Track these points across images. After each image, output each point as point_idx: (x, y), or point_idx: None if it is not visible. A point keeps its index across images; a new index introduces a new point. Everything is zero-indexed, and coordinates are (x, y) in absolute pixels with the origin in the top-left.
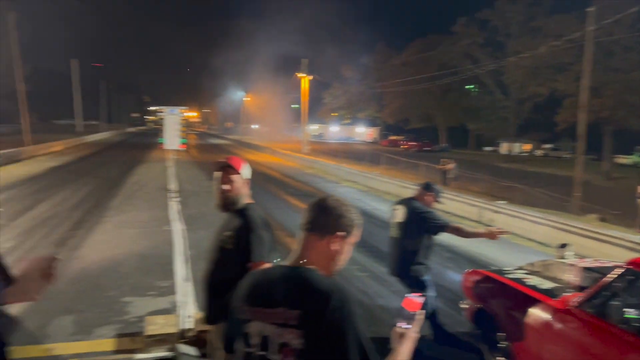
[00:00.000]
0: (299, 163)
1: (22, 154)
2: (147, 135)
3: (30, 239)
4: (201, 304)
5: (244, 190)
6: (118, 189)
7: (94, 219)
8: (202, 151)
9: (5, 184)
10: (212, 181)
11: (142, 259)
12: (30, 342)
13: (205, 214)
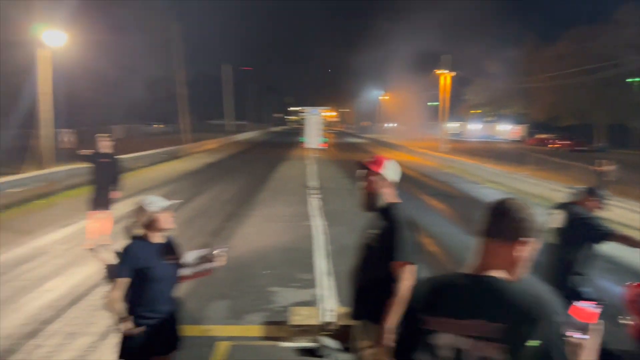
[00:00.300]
0: (436, 162)
1: (181, 151)
2: (288, 134)
3: (189, 228)
4: (346, 298)
5: (385, 189)
6: (264, 185)
7: (243, 212)
8: (340, 150)
9: (169, 178)
10: (351, 179)
11: (286, 251)
12: (190, 322)
13: (344, 211)
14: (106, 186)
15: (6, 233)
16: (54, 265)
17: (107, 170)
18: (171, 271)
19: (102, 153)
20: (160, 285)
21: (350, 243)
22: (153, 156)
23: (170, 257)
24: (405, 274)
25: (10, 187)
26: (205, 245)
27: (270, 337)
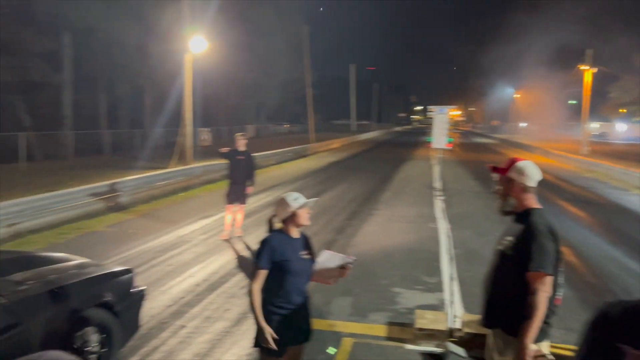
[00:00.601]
0: (575, 165)
1: (308, 150)
2: (412, 134)
3: (315, 224)
4: (472, 305)
5: (523, 193)
6: (387, 185)
7: (366, 210)
8: (466, 150)
9: (296, 176)
10: (478, 181)
11: (410, 252)
12: (316, 316)
13: (470, 214)
14: (241, 181)
15: (155, 222)
16: (194, 253)
17: (243, 166)
18: (306, 266)
19: (239, 151)
20: (296, 279)
21: (476, 248)
22: (280, 155)
23: (306, 252)
24: (541, 286)
25: (158, 180)
26: (330, 243)
27: (394, 337)
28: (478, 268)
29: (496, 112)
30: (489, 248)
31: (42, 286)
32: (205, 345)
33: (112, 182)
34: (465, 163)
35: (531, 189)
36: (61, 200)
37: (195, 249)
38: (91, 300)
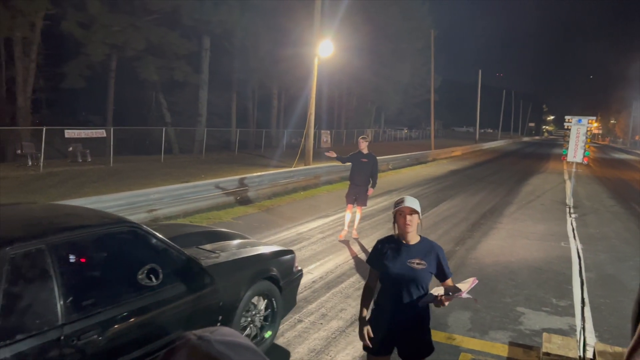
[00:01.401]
0: None
1: (427, 156)
2: (542, 145)
3: (433, 233)
4: (606, 334)
5: None
6: (512, 197)
7: (488, 223)
8: (604, 166)
9: (414, 182)
10: (616, 200)
11: (537, 271)
12: (434, 327)
13: (607, 235)
14: (363, 183)
15: (277, 217)
16: (312, 250)
17: (365, 168)
18: (412, 274)
19: (362, 153)
20: (395, 285)
21: (613, 273)
22: (399, 160)
23: (417, 261)
24: None
25: (281, 178)
26: (448, 254)
27: (516, 359)
28: (614, 295)
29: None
30: (629, 275)
31: (229, 255)
32: (320, 342)
33: (238, 177)
34: (602, 180)
35: None
36: (194, 191)
37: (313, 247)
38: (263, 272)
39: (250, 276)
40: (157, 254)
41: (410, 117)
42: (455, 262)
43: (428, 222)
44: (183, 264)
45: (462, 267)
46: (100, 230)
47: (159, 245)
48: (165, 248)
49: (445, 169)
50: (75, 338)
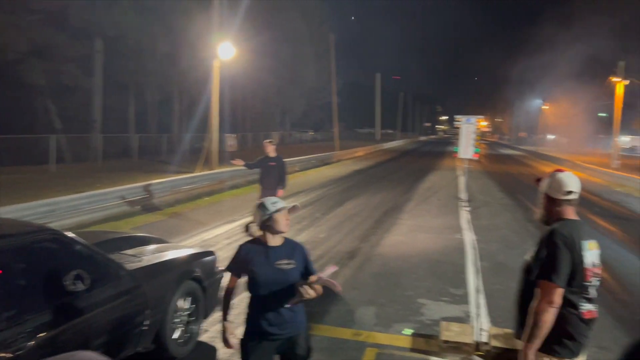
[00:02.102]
0: (605, 179)
1: (332, 157)
2: (437, 143)
3: (338, 232)
4: (499, 319)
5: (553, 204)
6: (411, 194)
7: (390, 220)
8: (493, 161)
9: (320, 183)
10: (505, 193)
11: (436, 264)
12: (340, 325)
13: (497, 226)
14: (273, 187)
15: (179, 225)
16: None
17: (274, 172)
18: (283, 276)
19: (270, 157)
20: (265, 289)
21: (504, 261)
22: (305, 162)
23: (287, 262)
24: (544, 296)
25: (184, 184)
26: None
27: (419, 349)
28: (505, 281)
29: (524, 123)
30: (518, 261)
31: (152, 259)
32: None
33: (138, 184)
34: (492, 174)
35: (565, 201)
36: (89, 201)
37: (220, 253)
38: (188, 274)
39: (175, 278)
40: (81, 259)
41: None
42: (360, 259)
43: (334, 221)
44: (108, 269)
45: (367, 263)
46: (22, 239)
47: (83, 251)
48: (90, 254)
49: (349, 169)
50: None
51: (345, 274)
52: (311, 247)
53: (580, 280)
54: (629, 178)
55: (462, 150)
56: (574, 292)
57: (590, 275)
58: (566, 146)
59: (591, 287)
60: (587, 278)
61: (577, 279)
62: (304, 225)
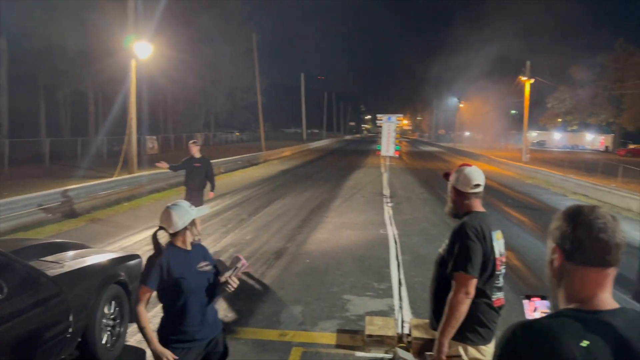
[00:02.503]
0: (517, 172)
1: (258, 158)
2: (362, 142)
3: (265, 233)
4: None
5: (462, 197)
6: (337, 192)
7: (317, 218)
8: (414, 158)
9: (247, 184)
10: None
11: (360, 259)
12: (266, 326)
13: (418, 220)
14: (199, 188)
15: (96, 233)
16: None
17: (199, 173)
18: (207, 278)
19: (195, 157)
20: (196, 295)
21: (424, 253)
22: (231, 163)
23: (205, 263)
24: (460, 287)
25: (101, 189)
26: (280, 251)
27: (344, 345)
28: (426, 273)
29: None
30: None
31: (74, 264)
32: None
33: (50, 192)
34: (413, 171)
35: (469, 194)
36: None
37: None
38: (112, 278)
39: (100, 282)
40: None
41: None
42: (287, 258)
43: (260, 222)
44: (27, 276)
45: (294, 262)
46: None
47: (1, 259)
48: (7, 261)
49: (276, 169)
50: None
51: (271, 275)
52: (237, 250)
53: (492, 270)
54: (538, 171)
55: (384, 148)
56: (486, 282)
57: (499, 265)
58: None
59: (500, 275)
60: (498, 267)
61: (489, 269)
62: (230, 228)
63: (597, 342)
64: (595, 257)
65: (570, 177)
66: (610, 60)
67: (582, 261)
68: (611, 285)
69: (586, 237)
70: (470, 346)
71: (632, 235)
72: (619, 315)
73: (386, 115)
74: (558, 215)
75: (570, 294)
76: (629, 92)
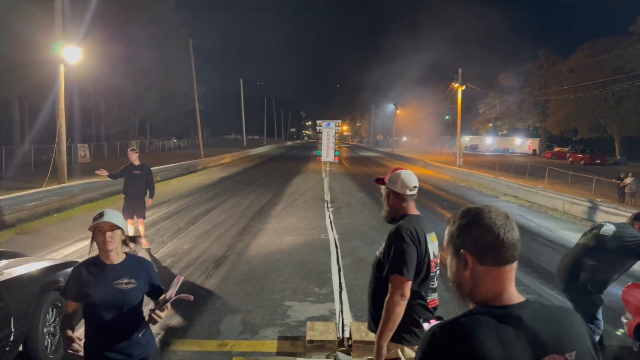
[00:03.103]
0: (452, 175)
1: (197, 165)
2: (303, 148)
3: (204, 242)
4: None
5: (396, 201)
6: (278, 198)
7: (258, 225)
8: (354, 163)
9: (185, 192)
10: (364, 192)
11: (301, 265)
12: (204, 337)
13: (358, 224)
14: (138, 196)
15: (23, 247)
16: None
17: (139, 180)
18: (122, 296)
19: (134, 165)
20: (106, 312)
21: (364, 256)
22: (168, 170)
23: (127, 281)
24: (395, 289)
25: (27, 200)
26: (220, 259)
27: (285, 352)
28: (366, 276)
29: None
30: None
31: (12, 272)
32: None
33: None
34: (353, 175)
35: (407, 197)
36: None
37: None
38: (52, 284)
39: (39, 289)
40: None
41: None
42: (226, 267)
43: (199, 231)
44: None
45: (234, 271)
46: None
47: None
48: None
49: (216, 177)
50: None
51: (210, 284)
52: (175, 260)
53: (426, 271)
54: (471, 174)
55: (324, 154)
56: (421, 284)
57: (434, 266)
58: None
59: (435, 277)
60: (432, 269)
61: (424, 271)
62: (167, 238)
63: (511, 334)
64: (503, 257)
65: (501, 180)
66: (535, 68)
67: (493, 263)
68: (514, 278)
69: (495, 239)
70: (407, 347)
71: (560, 234)
72: (526, 307)
73: (325, 122)
74: (456, 220)
75: (482, 294)
76: (553, 98)
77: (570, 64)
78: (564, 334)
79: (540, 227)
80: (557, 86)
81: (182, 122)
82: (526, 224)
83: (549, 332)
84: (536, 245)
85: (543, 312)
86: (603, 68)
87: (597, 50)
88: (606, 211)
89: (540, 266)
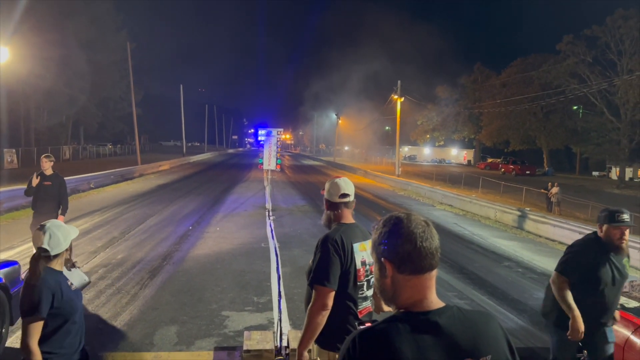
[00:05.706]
0: (391, 185)
1: (134, 172)
2: (245, 156)
3: (139, 251)
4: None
5: (331, 209)
6: (219, 206)
7: (196, 233)
8: (296, 172)
9: (120, 200)
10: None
11: (241, 274)
12: (137, 349)
13: (299, 232)
14: (50, 211)
15: None
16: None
17: (51, 193)
18: (81, 301)
19: (45, 175)
20: (80, 318)
21: (304, 265)
22: (102, 177)
23: (74, 285)
24: (316, 299)
25: None
26: (155, 270)
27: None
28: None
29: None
30: None
31: None
32: None
33: None
34: (295, 184)
35: (339, 204)
36: None
37: None
38: None
39: None
40: None
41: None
42: (162, 277)
43: (134, 240)
44: None
45: (170, 281)
46: None
47: None
48: None
49: (153, 184)
50: None
51: (145, 295)
52: (108, 270)
53: (354, 281)
54: (409, 183)
55: (266, 162)
56: (350, 294)
57: (362, 276)
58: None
59: (366, 285)
60: (360, 278)
61: (352, 281)
62: (99, 247)
63: (427, 340)
64: (421, 265)
65: (437, 189)
66: (470, 81)
67: (411, 271)
68: (434, 285)
69: (413, 249)
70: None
71: (492, 242)
72: (445, 313)
73: (267, 130)
74: (379, 228)
75: (404, 300)
76: (486, 111)
77: (503, 78)
78: (480, 338)
79: (473, 234)
80: (490, 99)
81: (119, 126)
82: (460, 231)
83: (465, 336)
84: (469, 252)
85: (460, 317)
86: (533, 83)
87: (527, 66)
88: (534, 219)
89: (473, 272)
